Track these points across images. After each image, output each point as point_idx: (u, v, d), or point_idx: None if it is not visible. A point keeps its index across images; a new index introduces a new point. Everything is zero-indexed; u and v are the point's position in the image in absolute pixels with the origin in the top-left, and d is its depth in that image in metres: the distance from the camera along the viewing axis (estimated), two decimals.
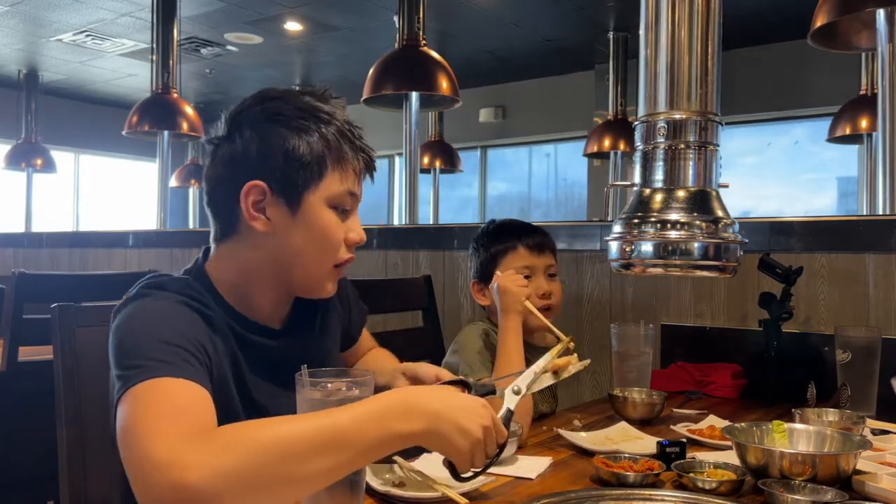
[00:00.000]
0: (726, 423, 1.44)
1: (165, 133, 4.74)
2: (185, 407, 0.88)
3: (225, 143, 1.09)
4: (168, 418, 0.85)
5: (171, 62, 4.58)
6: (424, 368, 1.27)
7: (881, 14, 2.49)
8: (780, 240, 2.00)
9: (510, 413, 1.05)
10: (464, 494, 1.03)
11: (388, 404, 0.89)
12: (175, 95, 4.57)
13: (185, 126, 4.54)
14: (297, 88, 1.14)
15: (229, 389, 1.04)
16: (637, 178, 1.41)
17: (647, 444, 1.35)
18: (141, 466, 0.81)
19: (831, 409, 1.40)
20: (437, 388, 1.01)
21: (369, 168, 1.15)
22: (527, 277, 1.73)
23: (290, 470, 0.82)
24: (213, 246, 1.14)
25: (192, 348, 0.95)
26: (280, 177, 1.06)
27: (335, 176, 1.09)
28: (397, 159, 7.80)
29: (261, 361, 1.11)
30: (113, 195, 9.29)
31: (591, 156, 6.23)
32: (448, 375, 1.20)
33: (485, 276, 1.79)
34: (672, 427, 1.49)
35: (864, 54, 4.12)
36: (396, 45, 3.91)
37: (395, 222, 6.48)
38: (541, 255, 1.77)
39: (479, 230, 1.86)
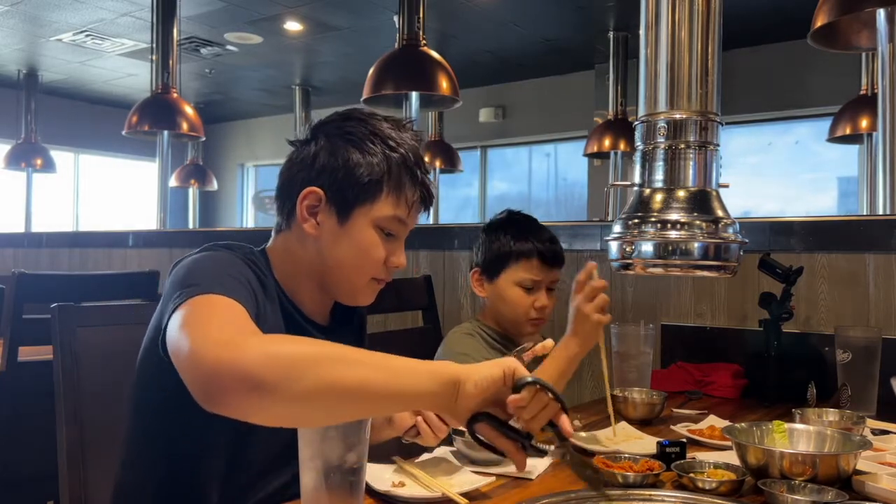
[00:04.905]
0: (726, 423, 1.45)
1: (165, 133, 4.74)
2: (242, 319, 0.94)
3: (302, 147, 1.18)
4: (227, 319, 0.92)
5: (170, 62, 4.57)
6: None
7: (881, 14, 2.49)
8: (780, 240, 2.00)
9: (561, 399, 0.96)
10: (464, 494, 1.03)
11: (425, 364, 0.92)
12: (175, 95, 4.56)
13: (184, 126, 4.53)
14: (381, 115, 1.20)
15: None
16: (637, 178, 1.41)
17: (647, 444, 1.35)
18: (197, 345, 0.86)
19: (831, 409, 1.40)
20: None
21: (425, 201, 1.20)
22: (529, 289, 1.72)
23: (337, 370, 0.85)
24: (273, 235, 1.22)
25: (250, 290, 1.05)
26: (337, 189, 1.14)
27: (389, 200, 1.15)
28: None
29: None
30: (113, 195, 9.28)
31: (591, 156, 6.22)
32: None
33: (489, 270, 1.76)
34: (672, 427, 1.49)
35: (864, 54, 4.12)
36: (396, 45, 3.90)
37: None
38: (552, 270, 1.75)
39: (495, 219, 1.83)
